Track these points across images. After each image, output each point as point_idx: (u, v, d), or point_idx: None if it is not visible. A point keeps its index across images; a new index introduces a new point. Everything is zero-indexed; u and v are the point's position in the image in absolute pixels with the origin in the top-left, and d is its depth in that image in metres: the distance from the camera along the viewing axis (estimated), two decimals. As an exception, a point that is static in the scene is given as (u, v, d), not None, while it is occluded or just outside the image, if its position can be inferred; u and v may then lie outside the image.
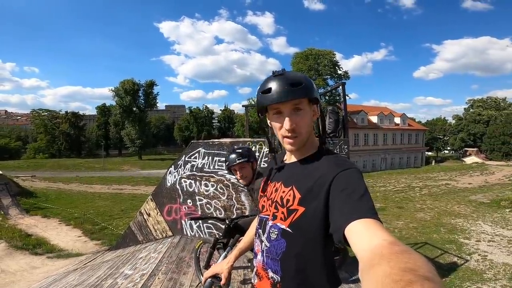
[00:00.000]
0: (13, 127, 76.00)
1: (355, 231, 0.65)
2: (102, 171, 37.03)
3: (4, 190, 16.11)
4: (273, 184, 0.97)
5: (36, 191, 20.41)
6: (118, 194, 20.21)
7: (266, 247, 0.92)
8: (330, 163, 0.84)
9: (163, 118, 77.09)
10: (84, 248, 8.97)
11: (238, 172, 2.10)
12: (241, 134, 49.86)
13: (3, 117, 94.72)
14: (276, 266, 0.89)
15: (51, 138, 58.95)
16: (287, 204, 0.86)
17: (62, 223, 12.39)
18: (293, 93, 0.83)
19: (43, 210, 14.75)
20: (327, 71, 41.97)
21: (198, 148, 4.13)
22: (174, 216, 4.61)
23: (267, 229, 0.93)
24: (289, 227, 0.85)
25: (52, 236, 10.39)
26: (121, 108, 53.14)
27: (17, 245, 8.71)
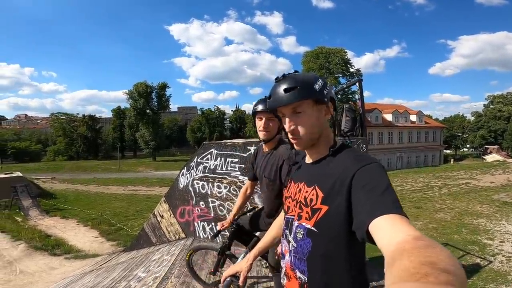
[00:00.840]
0: (33, 130, 78.97)
1: (380, 227, 0.64)
2: (118, 172, 37.93)
3: (24, 192, 16.69)
4: (296, 185, 0.98)
5: (55, 192, 21.15)
6: (133, 195, 20.61)
7: (293, 247, 0.93)
8: (350, 159, 0.85)
9: (175, 120, 78.30)
10: (100, 249, 9.17)
11: (263, 122, 1.85)
12: (253, 134, 49.89)
13: (24, 121, 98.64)
14: (303, 266, 0.90)
15: (70, 141, 61.10)
16: (311, 204, 0.87)
17: (80, 224, 12.72)
18: (287, 98, 0.88)
19: (62, 211, 15.22)
20: (338, 70, 41.37)
21: (211, 150, 4.07)
22: (187, 218, 4.57)
23: (293, 230, 0.94)
24: (314, 226, 0.85)
25: (70, 237, 10.68)
26: (135, 110, 54.47)
27: (37, 245, 8.95)
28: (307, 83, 0.89)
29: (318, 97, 0.89)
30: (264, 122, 1.86)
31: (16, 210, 15.00)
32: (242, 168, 3.68)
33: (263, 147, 2.06)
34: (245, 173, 3.61)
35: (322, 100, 0.90)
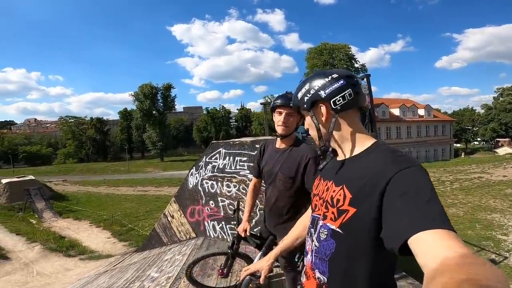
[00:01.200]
0: (43, 134, 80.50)
1: (424, 242, 0.59)
2: (127, 173, 38.27)
3: (38, 195, 16.99)
4: (324, 183, 0.95)
5: (67, 194, 21.52)
6: (143, 195, 20.78)
7: (316, 247, 0.91)
8: (385, 160, 0.78)
9: (181, 120, 78.64)
10: (113, 249, 9.29)
11: (283, 116, 1.84)
12: (259, 133, 49.86)
13: (33, 125, 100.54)
14: (323, 267, 0.88)
15: (79, 144, 62.13)
16: (337, 204, 0.84)
17: (92, 225, 12.91)
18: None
19: (75, 213, 15.48)
20: (343, 65, 40.88)
21: (219, 149, 4.09)
22: (197, 218, 4.60)
23: (317, 229, 0.92)
24: (340, 228, 0.82)
25: (83, 238, 10.86)
26: (141, 112, 54.90)
27: (52, 247, 9.12)
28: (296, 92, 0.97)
29: (298, 104, 0.95)
30: (284, 117, 1.84)
31: (30, 213, 15.27)
32: (251, 167, 3.69)
33: (277, 142, 2.01)
34: (253, 171, 3.63)
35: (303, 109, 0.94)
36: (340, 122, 0.90)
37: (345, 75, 0.88)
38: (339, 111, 0.88)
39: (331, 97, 0.87)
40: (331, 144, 0.94)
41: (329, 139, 0.92)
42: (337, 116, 0.89)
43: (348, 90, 0.87)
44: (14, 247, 9.15)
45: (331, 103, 0.87)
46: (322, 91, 0.88)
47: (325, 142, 0.93)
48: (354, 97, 0.87)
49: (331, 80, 0.88)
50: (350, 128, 0.90)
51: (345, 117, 0.90)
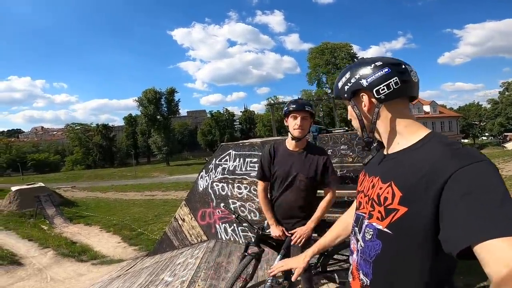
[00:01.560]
0: (50, 142, 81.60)
1: (493, 250, 0.52)
2: (134, 179, 38.54)
3: (48, 201, 17.22)
4: (370, 179, 0.89)
5: (76, 200, 21.74)
6: (151, 200, 20.86)
7: (361, 247, 0.86)
8: (443, 154, 0.69)
9: (186, 124, 78.98)
10: (124, 254, 9.33)
11: (298, 120, 1.95)
12: (263, 134, 49.79)
13: (40, 133, 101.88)
14: (367, 269, 0.82)
15: (86, 150, 62.85)
16: (384, 203, 0.77)
17: (103, 230, 13.01)
18: None
19: (85, 218, 15.64)
20: (345, 64, 40.74)
21: (228, 151, 4.10)
22: (208, 220, 4.61)
23: (362, 228, 0.86)
24: (388, 228, 0.75)
25: (94, 243, 10.94)
26: (146, 117, 55.25)
27: (64, 252, 9.20)
28: (337, 81, 0.93)
29: (338, 94, 0.91)
30: (300, 120, 1.95)
31: (42, 219, 15.46)
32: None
33: (290, 145, 2.10)
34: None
35: (344, 98, 0.90)
36: (386, 112, 0.83)
37: (391, 63, 0.82)
38: (383, 100, 0.81)
39: (373, 86, 0.81)
40: (377, 136, 0.89)
41: (372, 130, 0.86)
42: (381, 106, 0.83)
43: (394, 78, 0.79)
44: (27, 253, 9.27)
45: (373, 92, 0.81)
46: (364, 80, 0.83)
47: (368, 133, 0.87)
48: (401, 85, 0.79)
49: (374, 68, 0.82)
50: (398, 119, 0.83)
51: (392, 107, 0.83)
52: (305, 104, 1.97)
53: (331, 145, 3.51)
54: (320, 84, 44.63)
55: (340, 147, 3.46)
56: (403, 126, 0.82)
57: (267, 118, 51.96)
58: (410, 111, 0.85)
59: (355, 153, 3.41)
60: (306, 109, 1.95)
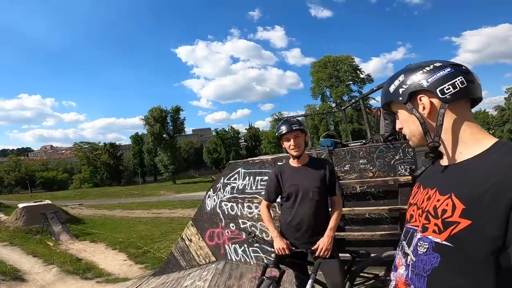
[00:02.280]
0: (59, 160, 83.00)
1: None
2: (141, 197, 38.57)
3: (54, 218, 17.31)
4: (425, 191, 0.84)
5: (83, 218, 21.79)
6: (157, 218, 20.79)
7: (412, 261, 0.81)
8: None
9: (191, 143, 79.57)
10: (130, 272, 9.15)
11: (292, 141, 2.08)
12: (269, 151, 49.66)
13: (50, 151, 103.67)
14: (421, 283, 0.78)
15: (94, 169, 63.70)
16: (442, 215, 0.73)
17: (108, 248, 12.89)
18: None
19: (91, 236, 15.58)
20: (348, 77, 40.92)
21: (237, 169, 4.03)
22: (217, 241, 4.49)
23: (414, 242, 0.82)
24: (447, 241, 0.71)
25: (100, 260, 10.80)
26: (152, 136, 55.95)
27: (69, 269, 9.04)
28: (387, 85, 0.87)
29: (390, 99, 0.86)
30: (293, 141, 2.07)
31: (47, 236, 15.46)
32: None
33: (294, 163, 2.21)
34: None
35: (398, 102, 0.83)
36: (451, 115, 0.77)
37: (451, 63, 0.78)
38: (448, 101, 0.75)
39: (437, 86, 0.76)
40: (424, 144, 0.84)
41: (439, 133, 0.78)
42: (446, 107, 0.76)
43: (459, 77, 0.75)
44: (31, 269, 9.14)
45: (437, 92, 0.76)
46: (423, 81, 0.78)
47: (433, 137, 0.79)
48: (467, 85, 0.74)
49: (434, 68, 0.78)
50: (463, 124, 0.76)
51: (456, 110, 0.77)
52: (292, 124, 2.09)
53: (348, 160, 3.35)
54: (324, 98, 44.51)
55: (358, 161, 3.30)
56: (469, 133, 0.76)
57: (272, 135, 52.02)
58: None
59: (376, 167, 3.24)
60: (294, 128, 2.07)
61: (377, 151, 3.25)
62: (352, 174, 3.31)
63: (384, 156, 3.20)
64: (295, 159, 2.15)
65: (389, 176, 3.14)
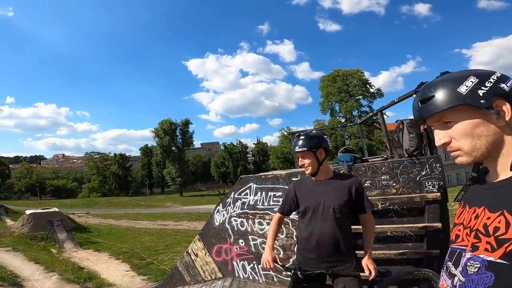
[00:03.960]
0: (70, 169, 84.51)
1: None
2: (148, 208, 38.62)
3: (60, 226, 17.39)
4: (471, 210, 0.81)
5: (89, 226, 21.92)
6: (163, 229, 20.72)
7: (460, 281, 0.77)
8: None
9: (199, 156, 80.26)
10: (132, 283, 8.97)
11: (299, 160, 2.05)
12: (277, 167, 49.28)
13: (61, 160, 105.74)
14: None
15: (103, 179, 64.85)
16: (495, 233, 0.70)
17: (112, 257, 12.75)
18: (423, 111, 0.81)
19: (95, 244, 15.53)
20: (358, 91, 40.41)
21: (249, 184, 3.93)
22: (224, 257, 4.35)
23: (462, 262, 0.78)
24: (502, 259, 0.68)
25: (102, 270, 10.64)
26: (161, 148, 56.62)
27: (69, 278, 8.88)
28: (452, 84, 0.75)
29: (464, 101, 0.72)
30: (300, 161, 2.02)
31: (52, 243, 15.48)
32: (286, 203, 3.50)
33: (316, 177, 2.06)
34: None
35: (478, 105, 0.71)
36: None
37: None
38: None
39: None
40: (478, 158, 0.77)
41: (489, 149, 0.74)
42: None
43: None
44: (31, 275, 9.03)
45: None
46: (503, 84, 0.72)
47: None
48: None
49: (503, 75, 0.73)
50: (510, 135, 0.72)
51: None
52: (295, 146, 2.02)
53: (369, 176, 3.20)
54: (333, 113, 43.70)
55: (380, 177, 3.14)
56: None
57: (280, 150, 51.68)
58: None
59: (399, 184, 3.08)
60: (298, 150, 1.99)
61: (401, 166, 3.09)
62: (373, 191, 3.16)
63: (408, 172, 3.05)
64: (312, 176, 2.04)
65: (415, 192, 2.99)
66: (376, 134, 36.10)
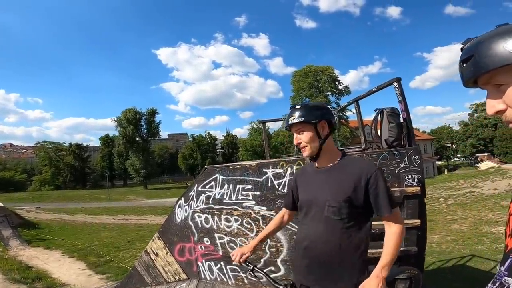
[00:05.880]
0: (18, 160, 77.25)
1: None
2: (108, 201, 37.07)
3: (4, 222, 15.97)
4: None
5: (39, 222, 20.49)
6: (124, 224, 19.81)
7: None
8: None
9: (166, 147, 78.20)
10: (88, 283, 8.37)
11: (295, 137, 1.53)
12: (245, 159, 49.34)
13: (9, 150, 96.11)
14: None
15: (56, 170, 60.29)
16: None
17: (65, 255, 11.93)
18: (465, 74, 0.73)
19: (46, 242, 14.48)
20: (327, 88, 41.79)
21: (215, 175, 3.43)
22: (188, 257, 3.90)
23: None
24: None
25: (54, 269, 9.85)
26: (124, 138, 54.29)
27: (15, 278, 8.14)
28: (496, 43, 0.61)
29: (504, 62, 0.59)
30: (295, 138, 1.51)
31: (-5, 241, 14.09)
32: (257, 196, 3.04)
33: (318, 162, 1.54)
34: (261, 202, 2.98)
35: None
36: None
37: None
38: None
39: None
40: None
41: None
42: None
43: None
44: None
45: None
46: None
47: None
48: None
49: None
50: None
51: None
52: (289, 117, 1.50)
53: None
54: None
55: None
56: None
57: (249, 142, 51.69)
58: None
59: None
60: (292, 122, 1.48)
61: (380, 158, 2.79)
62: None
63: (388, 164, 2.76)
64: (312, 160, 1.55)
65: (393, 186, 2.70)
66: (342, 129, 37.38)
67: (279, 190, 2.93)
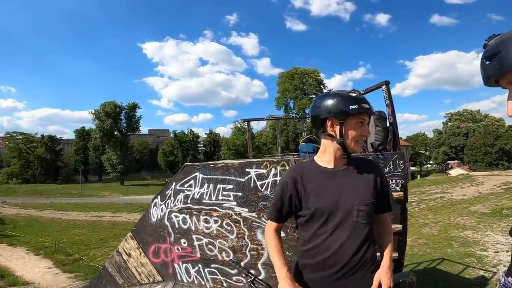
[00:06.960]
0: (-16, 152, 72.36)
1: None
2: (80, 197, 35.96)
3: (-35, 217, 15.30)
4: None
5: (4, 217, 19.81)
6: (97, 221, 19.22)
7: None
8: None
9: (146, 143, 76.23)
10: (54, 282, 8.13)
11: (360, 126, 1.37)
12: (227, 158, 49.07)
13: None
14: None
15: (26, 163, 57.24)
16: None
17: (30, 253, 11.51)
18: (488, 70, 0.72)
19: (10, 238, 13.98)
20: (312, 90, 42.44)
21: (194, 173, 3.27)
22: (164, 258, 3.71)
23: None
24: None
25: (17, 267, 9.53)
26: (101, 131, 52.43)
27: None
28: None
29: None
30: (361, 128, 1.36)
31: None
32: (238, 197, 2.92)
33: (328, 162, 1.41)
34: (242, 203, 2.87)
35: None
36: None
37: None
38: None
39: None
40: None
41: None
42: None
43: None
44: None
45: None
46: None
47: None
48: None
49: None
50: None
51: None
52: (361, 102, 1.33)
53: None
54: (287, 109, 45.49)
55: None
56: None
57: (232, 141, 51.46)
58: None
59: None
60: (366, 107, 1.34)
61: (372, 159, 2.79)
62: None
63: None
64: (346, 157, 1.41)
65: None
66: None
67: (262, 192, 2.83)
